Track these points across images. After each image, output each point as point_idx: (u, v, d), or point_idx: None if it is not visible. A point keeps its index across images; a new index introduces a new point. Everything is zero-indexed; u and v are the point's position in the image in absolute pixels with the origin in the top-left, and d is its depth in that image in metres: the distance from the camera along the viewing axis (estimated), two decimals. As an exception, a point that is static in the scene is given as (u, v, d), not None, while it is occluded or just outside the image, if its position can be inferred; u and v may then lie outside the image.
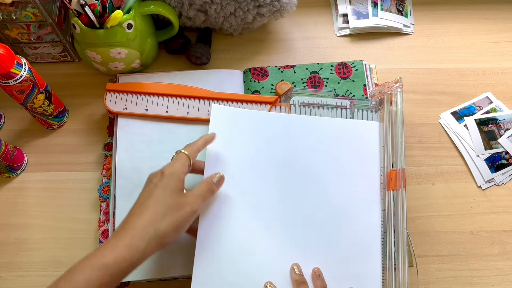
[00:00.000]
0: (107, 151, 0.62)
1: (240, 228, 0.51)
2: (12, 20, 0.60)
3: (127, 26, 0.58)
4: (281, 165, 0.55)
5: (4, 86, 0.53)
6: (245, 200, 0.53)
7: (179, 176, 0.47)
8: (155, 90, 0.62)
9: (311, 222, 0.53)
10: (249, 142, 0.56)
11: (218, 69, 0.68)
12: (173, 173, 0.46)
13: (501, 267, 0.57)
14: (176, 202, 0.45)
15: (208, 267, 0.49)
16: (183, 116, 0.62)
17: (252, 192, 0.53)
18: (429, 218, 0.60)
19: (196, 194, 0.47)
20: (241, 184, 0.53)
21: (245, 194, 0.53)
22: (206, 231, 0.50)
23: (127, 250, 0.40)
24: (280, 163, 0.55)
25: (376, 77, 0.68)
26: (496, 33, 0.74)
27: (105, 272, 0.39)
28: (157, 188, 0.45)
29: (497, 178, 0.62)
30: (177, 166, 0.47)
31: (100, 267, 0.39)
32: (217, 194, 0.51)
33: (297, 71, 0.67)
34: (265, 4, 0.65)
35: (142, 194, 0.46)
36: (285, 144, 0.56)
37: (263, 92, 0.65)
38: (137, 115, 0.62)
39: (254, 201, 0.53)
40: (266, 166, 0.55)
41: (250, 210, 0.52)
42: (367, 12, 0.74)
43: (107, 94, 0.62)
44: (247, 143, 0.56)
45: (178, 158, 0.49)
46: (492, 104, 0.67)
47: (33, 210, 0.60)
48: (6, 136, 0.64)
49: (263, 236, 0.51)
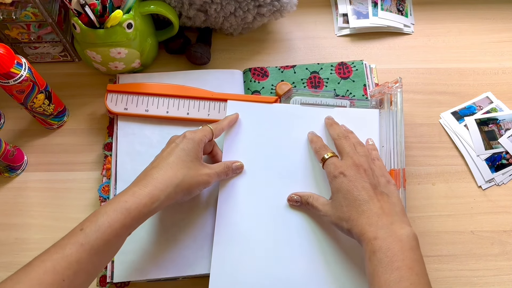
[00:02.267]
0: (107, 151, 0.62)
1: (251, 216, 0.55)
2: (12, 20, 0.60)
3: (127, 26, 0.58)
4: (287, 152, 0.58)
5: (4, 86, 0.53)
6: (257, 187, 0.56)
7: (198, 143, 0.50)
8: (155, 90, 0.62)
9: None
10: (262, 132, 0.59)
11: (218, 69, 0.68)
12: (194, 138, 0.50)
13: (501, 267, 0.57)
14: (194, 166, 0.49)
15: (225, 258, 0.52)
16: (183, 116, 0.62)
17: (265, 178, 0.56)
18: (429, 218, 0.60)
19: (213, 169, 0.51)
20: (255, 172, 0.57)
21: (257, 181, 0.56)
22: (224, 216, 0.55)
23: (148, 199, 0.44)
24: (287, 150, 0.58)
25: (376, 77, 0.68)
26: (496, 33, 0.74)
27: (127, 216, 0.42)
28: (178, 148, 0.49)
29: (497, 178, 0.62)
30: (199, 133, 0.51)
31: (122, 211, 0.42)
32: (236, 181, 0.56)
33: (297, 71, 0.67)
34: (265, 4, 0.65)
35: (164, 151, 0.50)
36: (292, 132, 0.59)
37: (263, 92, 0.65)
38: (138, 115, 0.62)
39: (265, 188, 0.56)
40: (275, 153, 0.58)
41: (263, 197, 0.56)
42: (367, 12, 0.74)
43: (107, 94, 0.62)
44: (260, 133, 0.59)
45: (202, 129, 0.53)
46: (492, 104, 0.67)
47: (33, 210, 0.60)
48: (6, 136, 0.64)
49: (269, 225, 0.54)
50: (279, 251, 0.53)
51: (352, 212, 0.47)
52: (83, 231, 0.40)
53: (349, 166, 0.50)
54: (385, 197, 0.48)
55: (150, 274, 0.53)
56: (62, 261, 0.38)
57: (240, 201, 0.55)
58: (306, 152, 0.57)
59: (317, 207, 0.51)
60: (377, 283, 0.42)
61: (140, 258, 0.54)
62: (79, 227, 0.41)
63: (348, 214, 0.47)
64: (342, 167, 0.50)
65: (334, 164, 0.51)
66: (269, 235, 0.53)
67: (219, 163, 0.54)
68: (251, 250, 0.53)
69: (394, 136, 0.57)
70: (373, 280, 0.42)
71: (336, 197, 0.49)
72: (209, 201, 0.57)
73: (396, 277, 0.41)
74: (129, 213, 0.42)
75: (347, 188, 0.48)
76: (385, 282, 0.41)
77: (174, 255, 0.54)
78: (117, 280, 0.53)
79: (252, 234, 0.53)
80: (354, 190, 0.48)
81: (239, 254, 0.52)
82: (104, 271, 0.54)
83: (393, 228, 0.44)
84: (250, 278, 0.51)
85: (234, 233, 0.53)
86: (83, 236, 0.40)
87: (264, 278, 0.51)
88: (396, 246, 0.43)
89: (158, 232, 0.55)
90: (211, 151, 0.57)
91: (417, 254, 0.43)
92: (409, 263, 0.42)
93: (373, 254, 0.43)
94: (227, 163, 0.54)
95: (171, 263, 0.53)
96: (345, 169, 0.50)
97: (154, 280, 0.55)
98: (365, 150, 0.53)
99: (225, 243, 0.53)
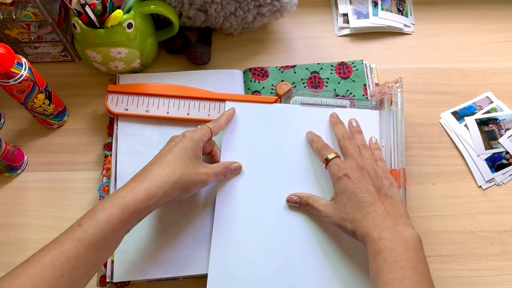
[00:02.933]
0: (107, 150, 0.62)
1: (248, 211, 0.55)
2: (12, 20, 0.60)
3: (128, 25, 0.58)
4: (287, 152, 0.58)
5: (4, 85, 0.53)
6: (256, 184, 0.56)
7: (198, 142, 0.51)
8: (156, 91, 0.62)
9: None
10: (262, 133, 0.59)
11: (218, 69, 0.68)
12: (193, 137, 0.51)
13: (501, 267, 0.57)
14: (193, 164, 0.49)
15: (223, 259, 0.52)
16: (183, 117, 0.62)
17: (264, 179, 0.56)
18: (430, 218, 0.60)
19: (212, 169, 0.52)
20: (254, 172, 0.57)
21: (256, 179, 0.56)
22: (222, 216, 0.55)
23: (146, 194, 0.44)
24: (286, 150, 0.58)
25: (376, 76, 0.68)
26: (497, 32, 0.74)
27: (125, 211, 0.42)
28: (177, 147, 0.49)
29: (497, 178, 0.62)
30: (198, 133, 0.52)
31: (120, 206, 0.42)
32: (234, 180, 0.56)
33: (297, 71, 0.67)
34: (266, 3, 0.65)
35: (163, 150, 0.50)
36: (292, 133, 0.59)
37: (264, 93, 0.65)
38: (138, 116, 0.62)
39: (264, 185, 0.56)
40: (274, 154, 0.58)
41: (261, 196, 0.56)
42: (367, 11, 0.74)
43: (108, 95, 0.62)
44: (260, 133, 0.59)
45: (201, 128, 0.53)
46: (493, 104, 0.67)
47: (33, 210, 0.60)
48: (6, 136, 0.64)
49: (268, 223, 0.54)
50: (278, 251, 0.53)
51: (356, 214, 0.47)
52: (81, 226, 0.41)
53: (353, 168, 0.50)
54: (388, 199, 0.48)
55: (150, 274, 0.53)
56: (60, 257, 0.38)
57: (239, 201, 0.55)
58: (306, 152, 0.57)
59: (317, 208, 0.51)
60: (381, 282, 0.42)
61: (140, 258, 0.54)
62: (77, 223, 0.42)
63: (353, 215, 0.47)
64: (346, 169, 0.50)
65: (338, 165, 0.51)
66: (268, 236, 0.53)
67: (218, 164, 0.54)
68: (249, 250, 0.53)
69: (395, 136, 0.57)
70: (377, 279, 0.42)
71: (340, 199, 0.49)
72: (209, 201, 0.57)
73: (399, 276, 0.41)
74: (127, 208, 0.43)
75: (352, 190, 0.48)
76: (389, 281, 0.41)
77: (174, 255, 0.54)
78: (117, 280, 0.53)
79: (250, 235, 0.53)
80: (359, 192, 0.48)
81: (238, 255, 0.52)
82: (104, 271, 0.54)
83: (398, 229, 0.45)
84: (248, 277, 0.51)
85: (232, 234, 0.53)
86: (81, 231, 0.40)
87: (263, 278, 0.51)
88: (401, 246, 0.43)
89: (158, 232, 0.55)
90: (210, 151, 0.57)
91: (420, 255, 0.44)
92: (413, 263, 0.42)
93: (378, 253, 0.43)
94: (226, 163, 0.55)
95: (170, 263, 0.53)
96: (349, 171, 0.50)
97: (154, 280, 0.55)
98: (369, 153, 0.54)
99: (223, 243, 0.53)
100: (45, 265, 0.38)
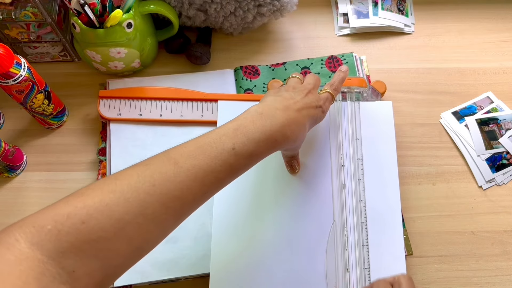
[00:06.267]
0: (102, 155, 0.62)
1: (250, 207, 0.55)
2: (11, 20, 0.59)
3: (127, 25, 0.58)
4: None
5: (4, 85, 0.53)
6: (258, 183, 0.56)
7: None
8: (148, 94, 0.62)
9: None
10: None
11: (218, 69, 0.68)
12: (326, 113, 0.52)
13: (501, 268, 0.57)
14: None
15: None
16: (177, 119, 0.62)
17: (259, 176, 0.56)
18: (430, 218, 0.60)
19: None
20: (250, 170, 0.56)
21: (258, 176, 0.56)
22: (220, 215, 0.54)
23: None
24: None
25: (367, 68, 0.68)
26: (497, 32, 0.74)
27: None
28: (311, 116, 0.48)
29: (497, 178, 0.62)
30: (328, 105, 0.52)
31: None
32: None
33: (288, 68, 0.67)
34: (265, 3, 0.64)
35: (298, 106, 0.48)
36: None
37: (256, 91, 0.65)
38: (131, 120, 0.61)
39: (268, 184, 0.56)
40: None
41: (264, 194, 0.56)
42: (367, 11, 0.73)
43: (100, 101, 0.62)
44: None
45: (326, 97, 0.52)
46: (493, 104, 0.67)
47: (33, 210, 0.58)
48: (5, 136, 0.64)
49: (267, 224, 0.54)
50: (278, 248, 0.52)
51: None
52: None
53: None
54: None
55: (152, 276, 0.53)
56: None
57: (236, 200, 0.55)
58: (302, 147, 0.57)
59: None
60: None
61: (141, 261, 0.53)
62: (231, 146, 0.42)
63: None
64: None
65: None
66: (267, 233, 0.53)
67: None
68: (249, 248, 0.52)
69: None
70: None
71: None
72: (208, 200, 0.57)
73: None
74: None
75: None
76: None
77: (175, 256, 0.54)
78: (119, 283, 0.52)
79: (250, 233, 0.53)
80: None
81: (238, 253, 0.52)
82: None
83: None
84: (249, 275, 0.51)
85: (232, 232, 0.53)
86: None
87: (264, 276, 0.51)
88: None
89: (158, 233, 0.55)
90: None
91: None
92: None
93: None
94: None
95: (172, 264, 0.53)
96: None
97: (156, 282, 0.54)
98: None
99: (223, 242, 0.53)
100: None
